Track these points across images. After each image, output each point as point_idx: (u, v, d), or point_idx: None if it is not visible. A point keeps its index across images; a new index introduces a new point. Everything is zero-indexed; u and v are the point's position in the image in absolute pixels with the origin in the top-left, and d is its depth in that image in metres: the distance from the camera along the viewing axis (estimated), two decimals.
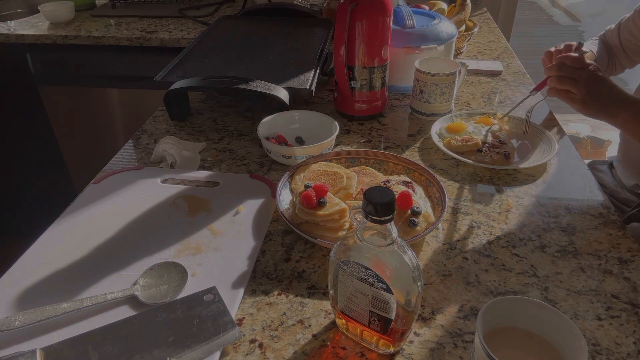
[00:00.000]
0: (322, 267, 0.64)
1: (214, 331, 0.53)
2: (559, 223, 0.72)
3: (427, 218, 0.67)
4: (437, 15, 1.13)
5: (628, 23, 1.09)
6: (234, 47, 1.13)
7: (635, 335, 0.55)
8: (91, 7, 1.80)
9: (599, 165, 1.18)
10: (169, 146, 0.87)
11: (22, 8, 1.90)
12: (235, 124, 1.00)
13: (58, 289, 0.60)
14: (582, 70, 0.81)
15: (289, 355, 0.53)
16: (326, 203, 0.67)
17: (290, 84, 0.94)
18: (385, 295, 0.47)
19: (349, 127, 0.98)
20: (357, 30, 0.90)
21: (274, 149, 0.84)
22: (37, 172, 1.89)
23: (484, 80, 1.18)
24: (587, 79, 0.80)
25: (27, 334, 0.54)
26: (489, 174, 0.83)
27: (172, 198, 0.77)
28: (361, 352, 0.53)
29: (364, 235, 0.47)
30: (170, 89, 0.93)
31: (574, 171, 0.84)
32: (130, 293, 0.58)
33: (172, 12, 1.71)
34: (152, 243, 0.67)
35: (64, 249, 0.66)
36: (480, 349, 0.43)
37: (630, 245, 0.67)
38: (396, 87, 1.11)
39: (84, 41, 1.54)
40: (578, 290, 0.60)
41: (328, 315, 0.57)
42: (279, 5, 1.38)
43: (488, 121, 0.95)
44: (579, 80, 0.81)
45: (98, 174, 0.84)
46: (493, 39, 1.46)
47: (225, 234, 0.69)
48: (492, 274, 0.63)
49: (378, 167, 0.80)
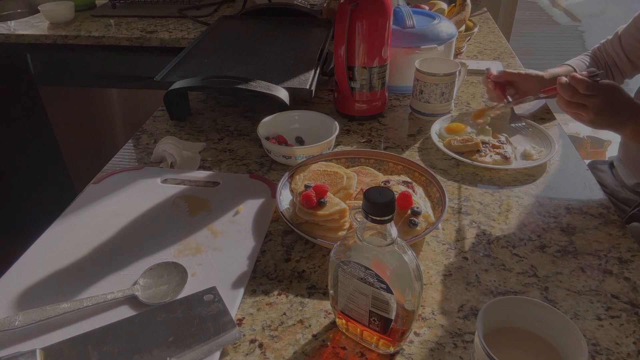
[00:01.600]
0: (322, 267, 0.64)
1: (214, 331, 0.53)
2: (559, 223, 0.72)
3: (427, 218, 0.67)
4: (437, 15, 1.13)
5: (630, 30, 1.08)
6: (234, 47, 1.13)
7: (635, 335, 0.55)
8: (91, 7, 1.80)
9: (600, 164, 1.18)
10: (169, 146, 0.87)
11: (22, 8, 1.90)
12: (235, 124, 1.00)
13: (58, 289, 0.60)
14: (593, 98, 0.79)
15: (289, 355, 0.53)
16: (326, 203, 0.67)
17: (290, 84, 0.94)
18: (385, 295, 0.47)
19: (349, 127, 0.98)
20: (357, 30, 0.90)
21: (274, 149, 0.84)
22: (37, 172, 1.89)
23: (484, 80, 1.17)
24: (596, 106, 0.79)
25: (27, 334, 0.54)
26: (489, 174, 0.83)
27: (172, 198, 0.77)
28: (361, 352, 0.53)
29: (364, 235, 0.47)
30: (170, 89, 0.93)
31: (574, 171, 0.84)
32: (130, 293, 0.58)
33: (172, 12, 1.71)
34: (152, 243, 0.67)
35: (64, 249, 0.66)
36: (480, 349, 0.43)
37: (630, 245, 0.67)
38: (396, 87, 1.11)
39: (84, 41, 1.54)
40: (578, 290, 0.60)
41: (328, 315, 0.57)
42: (279, 5, 1.38)
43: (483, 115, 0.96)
44: (588, 107, 0.80)
45: (98, 174, 0.84)
46: (493, 39, 1.46)
47: (225, 234, 0.69)
48: (492, 274, 0.63)
49: (378, 167, 0.80)
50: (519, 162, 0.85)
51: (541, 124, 0.95)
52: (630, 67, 1.12)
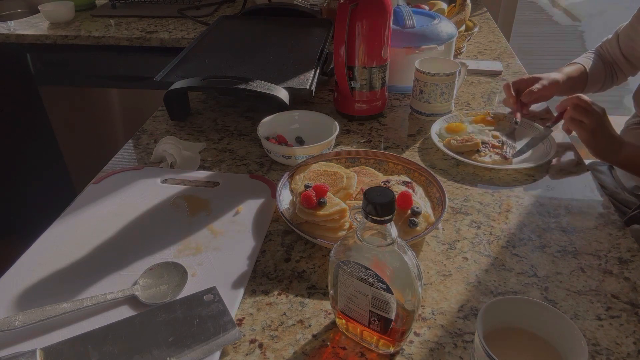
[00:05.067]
0: (322, 267, 0.64)
1: (214, 331, 0.53)
2: (559, 223, 0.72)
3: (427, 218, 0.67)
4: (437, 15, 1.13)
5: (627, 30, 1.09)
6: (234, 47, 1.13)
7: (635, 335, 0.55)
8: (91, 7, 1.80)
9: (599, 166, 1.18)
10: (169, 146, 0.87)
11: (22, 8, 1.90)
12: (235, 124, 1.00)
13: (58, 289, 0.60)
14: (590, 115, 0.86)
15: (289, 355, 0.53)
16: (326, 203, 0.67)
17: (290, 84, 0.94)
18: (385, 295, 0.47)
19: (349, 127, 0.98)
20: (357, 30, 0.90)
21: (274, 149, 0.84)
22: (37, 172, 1.89)
23: (484, 80, 1.18)
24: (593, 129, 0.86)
25: (27, 334, 0.54)
26: (489, 174, 0.83)
27: (172, 198, 0.77)
28: (361, 352, 0.53)
29: (364, 235, 0.47)
30: (170, 89, 0.93)
31: (574, 171, 0.84)
32: (130, 293, 0.58)
33: (172, 12, 1.71)
34: (152, 243, 0.67)
35: (64, 249, 0.66)
36: (480, 349, 0.43)
37: (630, 245, 0.67)
38: (396, 87, 1.11)
39: (84, 41, 1.54)
40: (578, 290, 0.60)
41: (328, 315, 0.57)
42: (279, 5, 1.38)
43: (485, 120, 0.95)
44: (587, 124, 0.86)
45: (98, 174, 0.84)
46: (493, 39, 1.46)
47: (225, 234, 0.69)
48: (492, 274, 0.63)
49: (378, 167, 0.80)
50: (519, 162, 0.85)
51: (542, 125, 0.95)
52: (629, 67, 1.12)
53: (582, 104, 0.87)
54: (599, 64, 1.13)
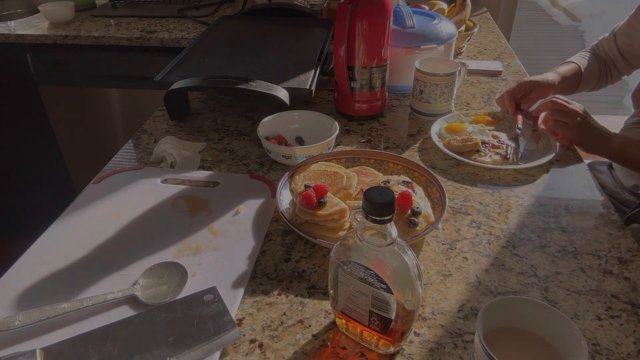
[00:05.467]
0: (322, 267, 0.64)
1: (214, 331, 0.53)
2: (559, 223, 0.72)
3: (427, 218, 0.67)
4: (437, 15, 1.13)
5: (624, 29, 1.09)
6: (234, 47, 1.13)
7: (635, 335, 0.55)
8: (91, 7, 1.80)
9: (599, 165, 1.19)
10: (169, 146, 0.87)
11: (22, 8, 1.90)
12: (235, 124, 1.00)
13: (58, 289, 0.60)
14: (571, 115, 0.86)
15: (289, 355, 0.53)
16: (326, 203, 0.67)
17: (290, 84, 0.94)
18: (385, 295, 0.47)
19: (349, 127, 0.98)
20: (357, 30, 0.90)
21: (274, 149, 0.84)
22: (37, 172, 1.89)
23: (484, 80, 1.18)
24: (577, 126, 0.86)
25: (27, 334, 0.54)
26: (489, 174, 0.83)
27: (172, 198, 0.77)
28: (361, 352, 0.53)
29: (364, 235, 0.47)
30: (170, 89, 0.93)
31: (574, 171, 0.84)
32: (130, 293, 0.58)
33: (172, 12, 1.71)
34: (152, 243, 0.67)
35: (64, 249, 0.66)
36: (480, 349, 0.43)
37: (630, 245, 0.67)
38: (396, 87, 1.11)
39: (84, 41, 1.54)
40: (578, 290, 0.60)
41: (328, 315, 0.57)
42: (279, 5, 1.38)
43: (485, 120, 0.95)
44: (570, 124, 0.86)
45: (98, 174, 0.84)
46: (493, 39, 1.46)
47: (225, 234, 0.69)
48: (492, 274, 0.63)
49: (378, 167, 0.80)
50: (519, 162, 0.85)
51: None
52: (625, 65, 1.13)
53: (559, 107, 0.87)
54: (593, 63, 1.13)
